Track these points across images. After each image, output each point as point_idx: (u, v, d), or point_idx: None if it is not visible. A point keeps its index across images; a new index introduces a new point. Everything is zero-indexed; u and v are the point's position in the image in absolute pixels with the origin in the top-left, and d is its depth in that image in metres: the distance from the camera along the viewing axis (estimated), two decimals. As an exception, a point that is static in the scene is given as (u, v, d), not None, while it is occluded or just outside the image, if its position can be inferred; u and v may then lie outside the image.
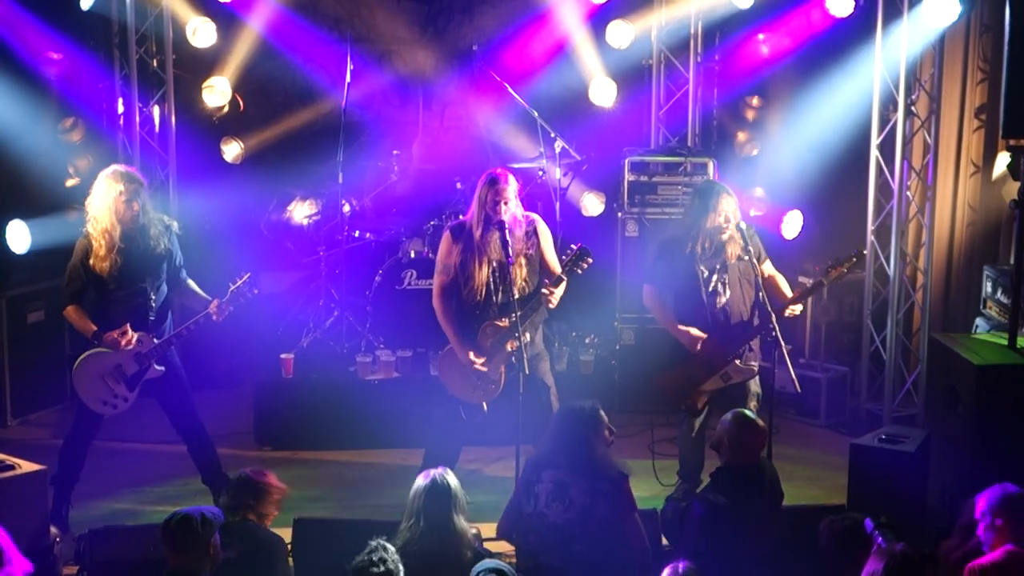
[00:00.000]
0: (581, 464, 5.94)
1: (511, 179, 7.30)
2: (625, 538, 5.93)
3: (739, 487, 6.08)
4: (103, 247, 7.19)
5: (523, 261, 7.29)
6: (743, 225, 7.50)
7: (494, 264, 7.26)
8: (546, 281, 7.25)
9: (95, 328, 7.23)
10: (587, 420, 6.03)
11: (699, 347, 7.45)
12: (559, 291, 7.21)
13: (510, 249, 7.16)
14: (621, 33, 10.26)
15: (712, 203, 7.44)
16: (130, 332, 7.22)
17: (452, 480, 5.80)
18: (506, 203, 7.21)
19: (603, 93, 10.26)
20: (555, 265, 7.38)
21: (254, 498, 6.01)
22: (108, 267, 7.20)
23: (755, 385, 7.58)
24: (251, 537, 5.85)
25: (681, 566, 5.11)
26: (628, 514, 6.01)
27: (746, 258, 7.47)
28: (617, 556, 5.89)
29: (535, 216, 7.49)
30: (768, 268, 7.67)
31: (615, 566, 5.89)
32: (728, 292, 7.50)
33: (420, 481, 5.80)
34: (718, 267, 7.48)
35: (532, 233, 7.38)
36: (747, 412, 6.30)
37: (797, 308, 7.52)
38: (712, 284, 7.50)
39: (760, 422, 6.26)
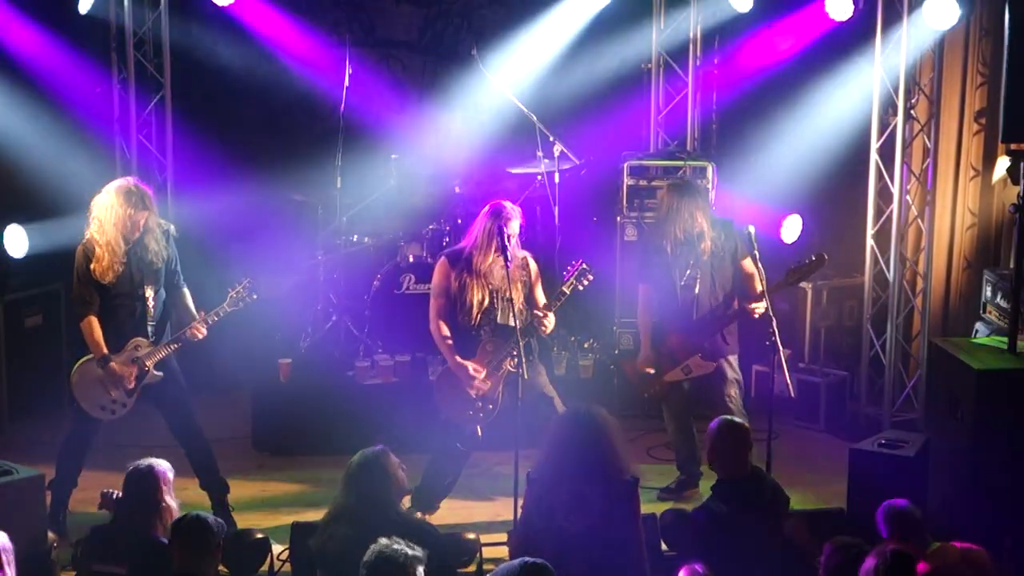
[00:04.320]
0: (597, 470, 5.81)
1: (517, 212, 7.39)
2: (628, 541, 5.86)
3: (739, 497, 6.04)
4: (105, 255, 7.17)
5: (519, 286, 7.36)
6: (716, 220, 7.72)
7: (492, 288, 7.34)
8: (535, 311, 7.35)
9: (105, 352, 7.23)
10: (590, 425, 5.93)
11: (662, 341, 7.76)
12: (550, 320, 7.33)
13: (510, 275, 7.22)
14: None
15: (674, 204, 7.65)
16: (133, 381, 7.26)
17: (389, 459, 5.83)
18: (512, 236, 7.30)
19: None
20: (541, 301, 7.47)
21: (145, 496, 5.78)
22: (110, 273, 7.18)
23: (731, 371, 7.73)
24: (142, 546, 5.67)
25: (699, 567, 5.06)
26: (636, 519, 5.92)
27: (721, 254, 7.65)
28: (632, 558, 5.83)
29: (526, 253, 7.54)
30: (748, 265, 7.72)
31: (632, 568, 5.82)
32: (698, 288, 7.66)
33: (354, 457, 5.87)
34: (691, 263, 7.64)
35: (525, 266, 7.47)
36: (730, 418, 6.34)
37: (759, 307, 7.52)
38: (684, 280, 7.67)
39: (745, 425, 6.31)
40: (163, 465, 5.95)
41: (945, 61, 9.21)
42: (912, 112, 9.22)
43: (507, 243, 7.24)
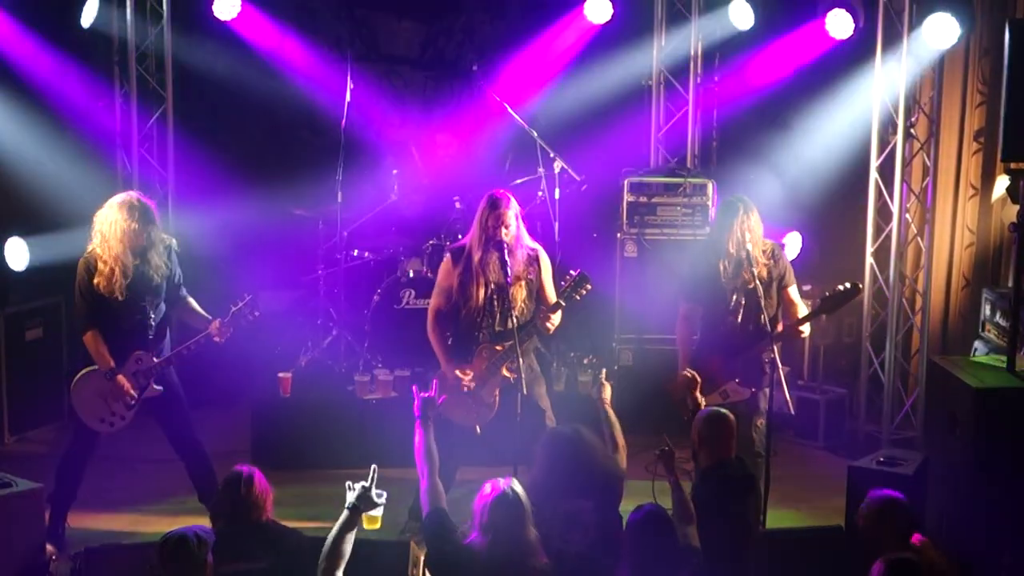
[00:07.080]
0: (587, 487, 5.78)
1: (512, 201, 7.27)
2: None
3: (726, 485, 6.05)
4: (108, 267, 7.19)
5: (522, 284, 7.26)
6: (768, 245, 7.49)
7: (492, 286, 7.24)
8: (542, 308, 7.25)
9: (112, 365, 7.25)
10: (576, 443, 5.89)
11: (702, 364, 7.44)
12: (556, 317, 7.21)
13: (510, 270, 7.14)
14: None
15: (731, 221, 7.37)
16: (134, 392, 7.28)
17: (519, 489, 5.53)
18: (507, 226, 7.19)
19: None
20: (552, 298, 7.35)
21: (244, 499, 5.94)
22: (112, 286, 7.20)
23: (763, 402, 7.46)
24: (276, 539, 5.83)
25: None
26: (616, 507, 5.96)
27: (768, 279, 7.42)
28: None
29: (538, 246, 7.45)
30: (792, 293, 7.56)
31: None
32: (743, 313, 7.43)
33: (487, 493, 5.56)
34: (739, 286, 7.40)
35: (534, 260, 7.34)
36: (715, 408, 6.40)
37: (803, 331, 7.48)
38: (731, 303, 7.44)
39: (729, 415, 6.32)
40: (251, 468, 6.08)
41: (945, 80, 9.23)
42: (912, 131, 9.25)
43: (502, 236, 7.16)
